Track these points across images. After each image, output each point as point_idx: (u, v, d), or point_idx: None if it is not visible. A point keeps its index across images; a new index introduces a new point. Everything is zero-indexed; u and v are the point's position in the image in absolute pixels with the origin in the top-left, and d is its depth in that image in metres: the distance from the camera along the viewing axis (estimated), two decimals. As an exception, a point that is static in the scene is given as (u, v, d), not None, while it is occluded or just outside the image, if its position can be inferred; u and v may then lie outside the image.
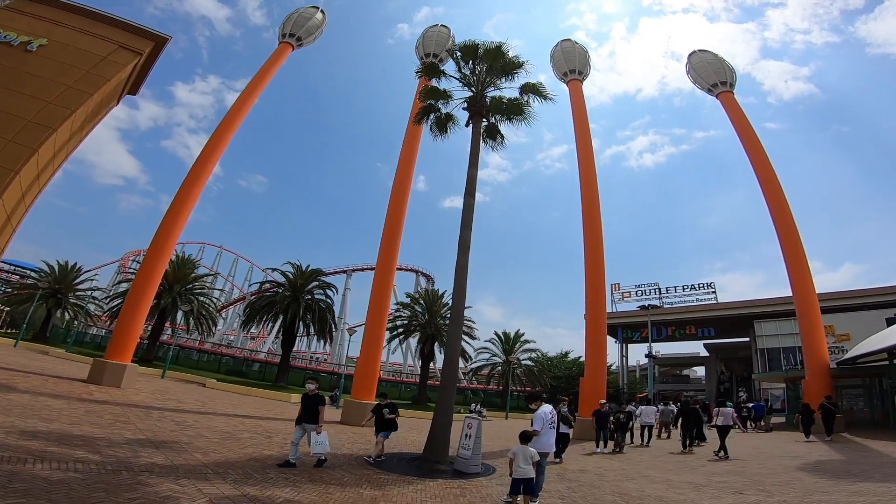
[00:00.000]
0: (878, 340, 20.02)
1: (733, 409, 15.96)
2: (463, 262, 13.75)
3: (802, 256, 24.36)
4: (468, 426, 10.67)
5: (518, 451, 6.56)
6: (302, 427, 8.80)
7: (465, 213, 14.93)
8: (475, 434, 10.41)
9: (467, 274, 13.87)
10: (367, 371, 20.41)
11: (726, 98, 29.09)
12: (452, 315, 13.38)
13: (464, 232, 14.55)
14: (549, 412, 7.56)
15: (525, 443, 6.66)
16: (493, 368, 42.81)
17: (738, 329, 50.74)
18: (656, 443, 18.12)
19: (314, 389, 9.21)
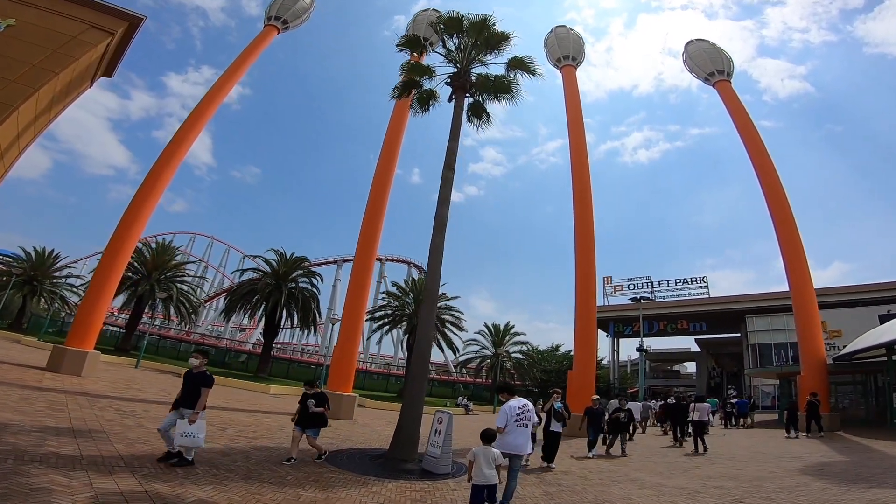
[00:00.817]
0: (876, 335, 19.14)
1: (709, 405, 15.88)
2: (438, 241, 12.64)
3: (800, 248, 23.43)
4: (438, 421, 9.54)
5: (479, 452, 5.55)
6: (179, 411, 6.84)
7: (443, 187, 13.84)
8: (445, 430, 9.27)
9: (442, 254, 12.75)
10: (344, 361, 19.31)
11: (723, 87, 28.08)
12: (425, 297, 12.24)
13: (440, 208, 13.46)
14: (518, 406, 6.49)
15: (487, 443, 5.66)
16: (482, 361, 41.80)
17: (729, 324, 50.01)
18: (639, 437, 17.75)
19: (199, 365, 7.15)
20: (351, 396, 18.45)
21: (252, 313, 33.44)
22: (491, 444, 5.65)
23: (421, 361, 11.36)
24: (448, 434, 9.21)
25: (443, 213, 13.32)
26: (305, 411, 8.44)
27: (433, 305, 12.31)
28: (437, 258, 12.45)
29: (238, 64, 31.93)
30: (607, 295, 55.71)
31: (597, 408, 13.04)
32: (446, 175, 13.82)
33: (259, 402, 19.27)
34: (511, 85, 16.48)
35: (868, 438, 15.08)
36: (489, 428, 5.86)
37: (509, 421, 6.32)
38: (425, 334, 11.52)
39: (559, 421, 10.60)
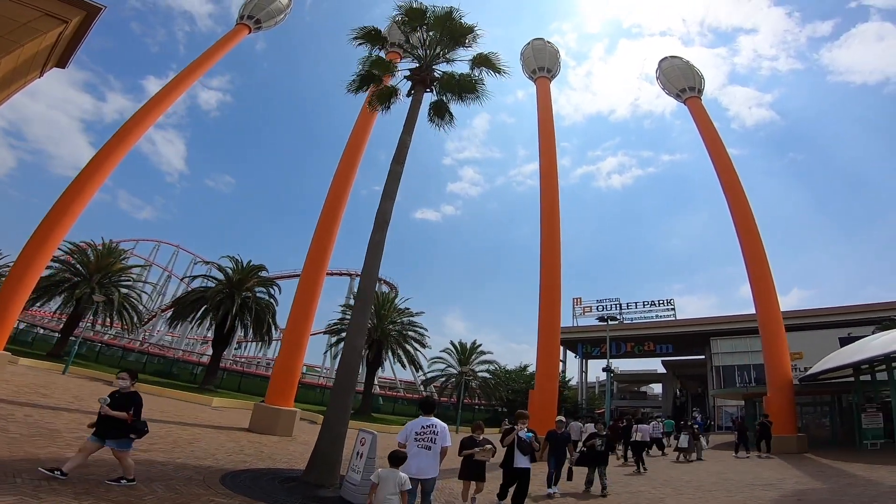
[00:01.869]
0: (844, 356, 18.51)
1: (649, 427, 16.91)
2: (378, 238, 11.30)
3: (765, 266, 22.95)
4: (360, 441, 7.88)
5: (385, 475, 4.98)
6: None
7: (390, 182, 12.65)
8: (367, 452, 7.61)
9: (381, 253, 11.39)
10: (285, 374, 17.38)
11: (694, 104, 28.08)
12: (358, 299, 10.72)
13: (384, 203, 12.20)
14: (421, 425, 5.91)
15: (395, 465, 5.10)
16: (448, 380, 39.87)
17: (694, 346, 49.79)
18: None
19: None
20: (290, 411, 16.50)
21: (201, 322, 30.85)
22: (399, 466, 5.10)
23: (347, 372, 9.70)
24: (371, 458, 7.58)
25: (386, 209, 12.15)
26: (99, 418, 5.99)
27: (366, 309, 10.77)
28: (374, 257, 11.09)
29: (202, 60, 30.36)
30: (576, 316, 55.04)
31: (561, 432, 10.02)
32: (395, 169, 12.76)
33: (193, 415, 17.48)
34: (476, 84, 15.77)
35: (840, 461, 14.05)
36: (398, 450, 5.32)
37: (409, 438, 5.79)
38: (354, 343, 9.93)
39: (527, 454, 7.46)
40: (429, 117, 16.65)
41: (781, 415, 18.82)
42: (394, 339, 30.24)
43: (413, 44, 15.98)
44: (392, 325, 31.61)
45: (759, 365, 40.24)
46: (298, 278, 60.31)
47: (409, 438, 5.77)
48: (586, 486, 10.27)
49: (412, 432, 5.80)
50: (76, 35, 22.31)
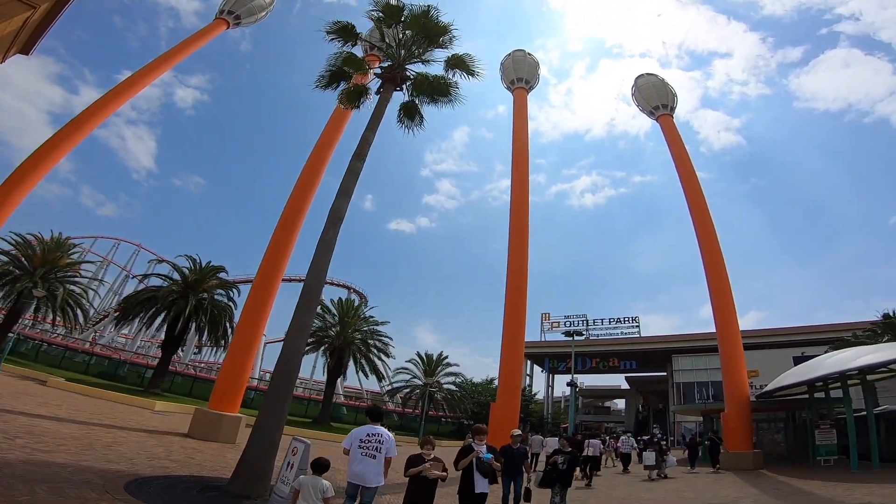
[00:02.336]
0: (799, 373, 18.67)
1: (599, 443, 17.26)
2: (330, 236, 10.65)
3: (727, 288, 23.15)
4: (292, 451, 7.14)
5: (306, 482, 4.91)
6: None
7: (348, 178, 12.13)
8: (299, 463, 6.88)
9: (332, 251, 10.69)
10: (232, 379, 16.17)
11: (665, 121, 28.51)
12: (302, 298, 9.83)
13: (339, 200, 11.61)
14: (366, 433, 5.80)
15: (318, 472, 4.99)
16: (413, 391, 38.72)
17: (657, 363, 50.45)
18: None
19: None
20: (235, 417, 15.32)
21: (151, 323, 28.87)
22: (322, 474, 4.99)
23: (284, 375, 8.84)
24: (303, 469, 6.84)
25: (340, 206, 11.57)
26: None
27: (311, 309, 9.95)
28: (324, 255, 10.37)
29: (176, 51, 29.22)
30: (545, 331, 54.96)
31: (517, 447, 8.53)
32: (354, 165, 12.25)
33: (128, 418, 16.11)
34: (450, 87, 15.44)
35: (795, 478, 13.88)
36: (322, 457, 5.20)
37: (353, 445, 5.69)
38: (295, 344, 9.08)
39: (487, 476, 6.21)
40: (398, 118, 16.04)
41: (738, 431, 18.75)
42: (357, 347, 29.05)
43: (389, 42, 15.65)
44: (356, 333, 30.45)
45: (718, 382, 40.88)
46: None
47: (354, 445, 5.68)
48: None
49: (357, 439, 5.69)
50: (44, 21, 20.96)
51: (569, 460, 8.73)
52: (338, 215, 11.45)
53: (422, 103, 15.29)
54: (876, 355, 15.39)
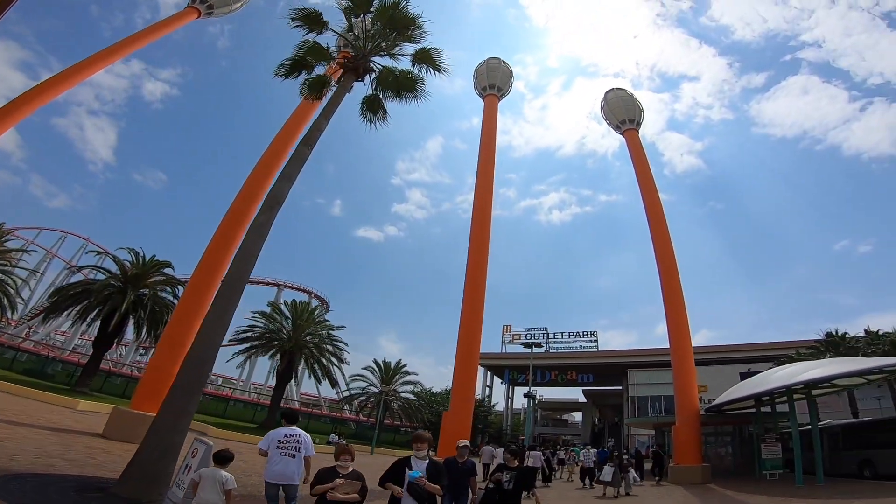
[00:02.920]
0: (748, 387, 18.65)
1: (540, 454, 17.16)
2: (263, 220, 9.68)
3: (682, 304, 23.23)
4: (192, 453, 6.22)
5: (206, 473, 4.79)
6: None
7: (293, 163, 11.56)
8: (197, 466, 5.87)
9: (265, 238, 9.62)
10: (159, 378, 14.59)
11: (631, 135, 28.73)
12: (225, 283, 8.74)
13: (280, 184, 10.78)
14: (285, 434, 5.87)
15: (220, 464, 4.90)
16: (369, 398, 37.16)
17: (613, 377, 50.78)
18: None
19: None
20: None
21: (84, 318, 26.33)
22: (225, 466, 4.94)
23: (193, 368, 7.67)
24: None
25: (280, 191, 10.77)
26: None
27: (234, 297, 8.77)
28: (255, 239, 9.32)
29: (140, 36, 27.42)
30: (505, 343, 54.44)
31: (464, 461, 6.90)
32: (301, 151, 11.68)
33: (40, 416, 14.46)
34: (415, 82, 14.52)
35: (743, 493, 13.55)
36: (226, 449, 5.15)
37: (271, 446, 5.75)
38: (210, 336, 7.94)
39: (418, 500, 4.57)
40: (361, 112, 15.27)
41: (688, 444, 18.50)
42: (309, 351, 27.43)
43: (357, 34, 15.13)
44: (310, 337, 28.83)
45: (671, 396, 41.21)
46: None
47: (272, 446, 5.70)
48: None
49: (275, 440, 5.73)
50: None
51: (515, 478, 6.60)
52: (276, 199, 10.47)
53: (386, 98, 14.86)
54: (821, 370, 15.48)
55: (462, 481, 6.73)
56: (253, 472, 10.07)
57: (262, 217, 9.94)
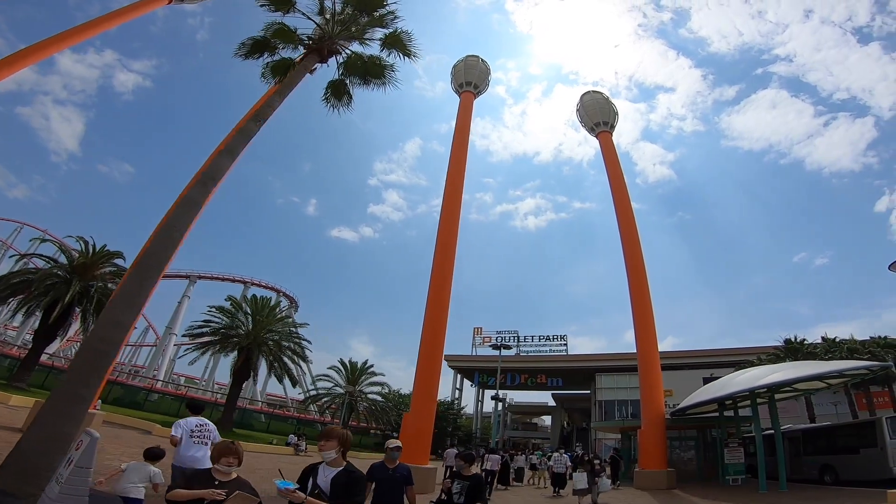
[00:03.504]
0: (712, 390, 18.39)
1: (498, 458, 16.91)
2: (195, 195, 8.70)
3: (649, 306, 22.96)
4: (76, 445, 5.54)
5: (134, 466, 4.99)
6: None
7: (237, 139, 10.60)
8: (79, 460, 5.07)
9: (194, 216, 8.55)
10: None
11: (604, 138, 28.50)
12: (142, 259, 7.60)
13: (220, 159, 10.01)
14: (196, 423, 5.89)
15: (151, 460, 5.13)
16: (333, 399, 35.73)
17: (582, 381, 50.70)
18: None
19: None
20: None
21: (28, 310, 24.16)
22: (154, 463, 5.13)
23: (93, 353, 6.56)
24: (84, 467, 5.18)
25: (219, 166, 9.94)
26: None
27: (150, 275, 7.73)
28: (184, 214, 8.33)
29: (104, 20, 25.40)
30: (476, 345, 53.88)
31: (395, 466, 5.15)
32: (248, 127, 10.83)
33: None
34: (384, 68, 13.94)
35: (708, 499, 13.08)
36: (156, 446, 5.39)
37: (184, 434, 5.74)
38: (115, 316, 6.89)
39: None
40: (324, 97, 14.67)
41: (653, 448, 18.09)
42: (269, 348, 25.97)
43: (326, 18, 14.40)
44: (272, 334, 27.34)
45: (637, 401, 41.44)
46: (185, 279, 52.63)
47: (185, 435, 5.76)
48: None
49: (188, 430, 5.81)
50: None
51: (467, 489, 5.77)
52: (212, 174, 9.41)
53: (353, 84, 14.27)
54: (783, 373, 15.28)
55: (394, 492, 5.14)
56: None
57: (194, 192, 8.86)
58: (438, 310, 17.29)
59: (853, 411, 31.30)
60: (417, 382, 16.23)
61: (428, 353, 16.63)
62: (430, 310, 17.24)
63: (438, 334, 17.09)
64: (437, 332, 17.07)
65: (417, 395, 16.20)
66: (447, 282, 18.12)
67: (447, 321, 17.49)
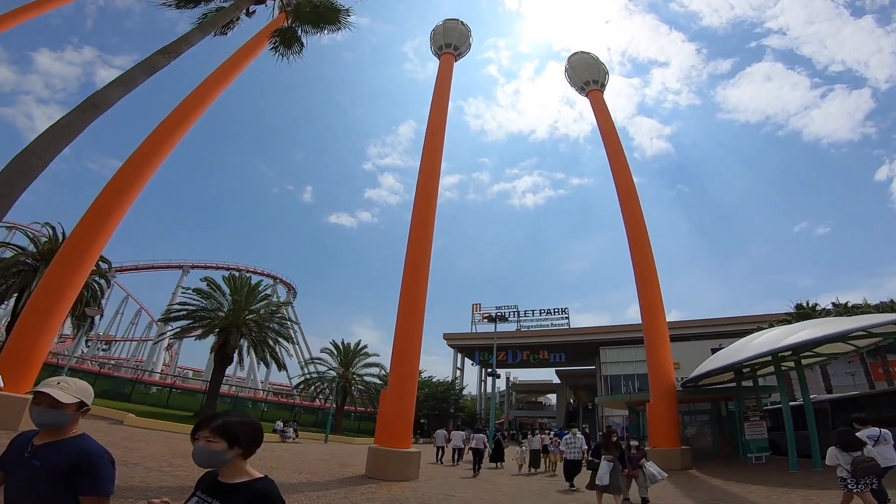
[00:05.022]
0: (727, 356, 16.17)
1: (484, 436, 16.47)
2: (72, 120, 6.96)
3: (653, 270, 20.69)
4: None
5: None
6: None
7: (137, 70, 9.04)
8: None
9: (63, 142, 6.69)
10: (22, 351, 11.53)
11: (595, 96, 26.29)
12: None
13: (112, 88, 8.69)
14: None
15: None
16: (327, 383, 33.99)
17: (586, 356, 48.95)
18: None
19: None
20: (16, 399, 10.82)
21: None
22: None
23: None
24: None
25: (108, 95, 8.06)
26: None
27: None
28: (53, 140, 7.20)
29: None
30: (475, 322, 51.86)
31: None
32: (153, 60, 9.40)
33: None
34: (338, 12, 13.00)
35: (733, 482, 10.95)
36: None
37: None
38: None
39: None
40: (272, 46, 14.01)
41: (664, 423, 16.05)
42: (248, 329, 24.01)
43: None
44: (254, 316, 25.40)
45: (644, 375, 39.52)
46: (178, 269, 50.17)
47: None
48: None
49: None
50: None
51: None
52: (96, 102, 7.40)
53: (304, 32, 13.51)
54: (810, 331, 12.81)
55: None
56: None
57: (70, 117, 6.81)
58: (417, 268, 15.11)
59: (870, 381, 29.32)
60: (396, 354, 14.08)
61: (407, 317, 14.44)
62: (409, 266, 15.14)
63: (418, 296, 14.84)
64: (416, 293, 14.84)
65: (396, 368, 13.91)
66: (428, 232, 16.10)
67: (428, 280, 15.37)
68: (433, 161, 18.32)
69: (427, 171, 17.69)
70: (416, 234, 15.92)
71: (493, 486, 12.04)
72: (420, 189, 16.99)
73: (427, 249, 15.79)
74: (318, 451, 18.22)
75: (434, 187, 17.27)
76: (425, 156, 18.39)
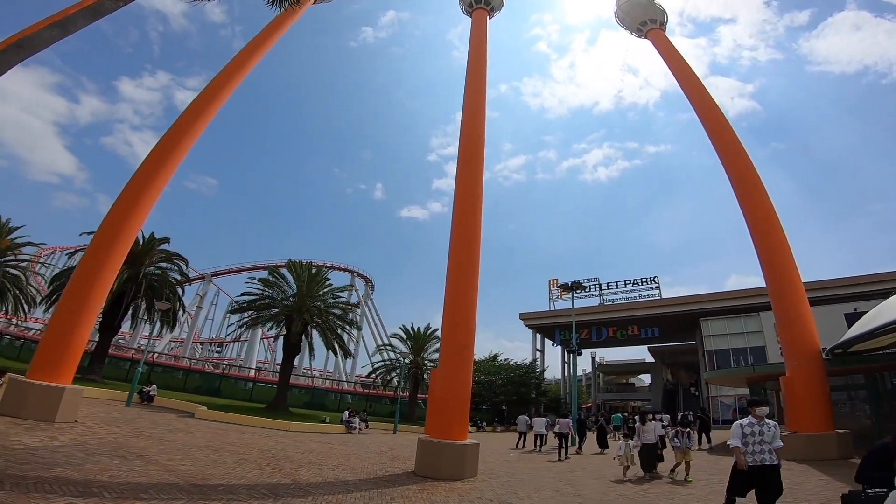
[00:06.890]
0: (885, 311, 11.63)
1: (569, 421, 16.35)
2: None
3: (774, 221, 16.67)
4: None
5: None
6: None
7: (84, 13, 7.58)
8: None
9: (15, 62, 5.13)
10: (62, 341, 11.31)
11: (656, 35, 23.08)
12: None
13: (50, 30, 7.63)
14: None
15: None
16: (396, 371, 32.97)
17: (683, 330, 42.99)
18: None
19: None
20: (55, 388, 10.64)
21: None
22: None
23: None
24: None
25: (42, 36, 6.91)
26: None
27: None
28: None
29: None
30: (553, 299, 48.06)
31: None
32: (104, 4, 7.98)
33: None
34: None
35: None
36: None
37: None
38: None
39: None
40: None
41: (810, 401, 12.11)
42: (311, 315, 23.25)
43: None
44: (321, 304, 24.77)
45: (759, 347, 33.48)
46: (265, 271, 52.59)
47: None
48: None
49: None
50: None
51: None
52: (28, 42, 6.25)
53: None
54: None
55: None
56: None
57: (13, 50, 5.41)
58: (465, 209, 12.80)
59: None
60: (445, 328, 11.90)
61: (457, 282, 12.17)
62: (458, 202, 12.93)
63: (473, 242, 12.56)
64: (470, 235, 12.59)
65: (447, 343, 11.69)
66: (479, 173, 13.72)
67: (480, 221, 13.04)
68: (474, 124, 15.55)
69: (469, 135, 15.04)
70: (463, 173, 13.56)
71: (574, 490, 9.19)
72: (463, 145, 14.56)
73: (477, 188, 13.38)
74: (379, 443, 16.69)
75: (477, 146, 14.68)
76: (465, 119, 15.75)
